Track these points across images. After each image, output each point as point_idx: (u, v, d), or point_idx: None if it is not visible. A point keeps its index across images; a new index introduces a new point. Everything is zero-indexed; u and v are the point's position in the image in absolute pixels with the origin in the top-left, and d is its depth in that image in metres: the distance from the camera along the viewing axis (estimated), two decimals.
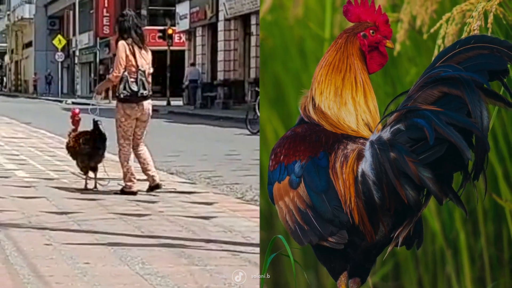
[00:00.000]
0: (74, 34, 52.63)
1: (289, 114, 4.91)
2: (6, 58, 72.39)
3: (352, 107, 3.15)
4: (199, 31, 37.93)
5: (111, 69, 9.26)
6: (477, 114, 2.84)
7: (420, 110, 2.88)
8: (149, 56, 9.12)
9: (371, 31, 3.18)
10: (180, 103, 36.26)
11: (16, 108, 34.18)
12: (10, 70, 71.33)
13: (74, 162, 9.41)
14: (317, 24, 4.83)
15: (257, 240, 6.43)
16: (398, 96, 3.12)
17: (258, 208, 7.54)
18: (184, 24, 38.98)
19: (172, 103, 35.52)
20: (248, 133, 19.96)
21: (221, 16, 34.96)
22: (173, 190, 9.48)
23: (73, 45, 52.78)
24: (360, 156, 3.02)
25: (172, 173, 11.39)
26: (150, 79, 9.12)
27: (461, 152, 2.82)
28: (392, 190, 2.92)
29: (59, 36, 51.40)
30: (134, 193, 8.88)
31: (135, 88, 8.87)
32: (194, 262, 5.77)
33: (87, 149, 9.09)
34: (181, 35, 40.35)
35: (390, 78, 4.56)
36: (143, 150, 9.14)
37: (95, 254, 5.98)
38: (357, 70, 3.17)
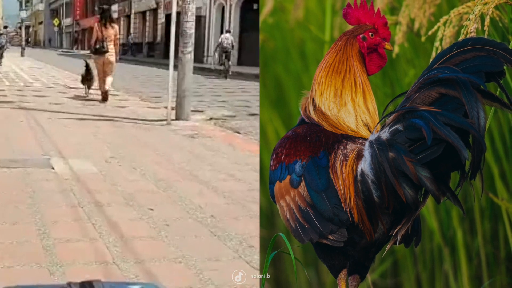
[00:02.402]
0: (63, 18, 79.60)
1: (290, 114, 4.91)
2: (31, 29, 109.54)
3: (351, 108, 3.16)
4: (121, 19, 59.81)
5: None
6: (474, 115, 2.84)
7: (418, 111, 2.88)
8: (112, 30, 15.03)
9: (370, 33, 3.19)
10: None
11: (34, 53, 49.36)
12: (32, 35, 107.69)
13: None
14: (317, 27, 4.83)
15: (147, 118, 12.65)
16: (396, 97, 3.12)
17: (147, 103, 15.56)
18: (115, 15, 56.46)
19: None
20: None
21: (132, 11, 53.59)
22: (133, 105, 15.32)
23: (62, 23, 76.63)
24: (359, 156, 3.02)
25: (132, 95, 17.60)
26: (107, 43, 15.02)
27: (458, 152, 2.82)
28: (391, 189, 2.93)
29: (56, 19, 77.01)
30: (106, 99, 14.88)
31: (97, 46, 14.82)
32: (119, 126, 11.23)
33: (86, 75, 15.74)
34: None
35: (389, 79, 4.56)
36: (107, 78, 15.04)
37: (76, 124, 11.41)
38: (357, 72, 3.18)
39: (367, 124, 3.14)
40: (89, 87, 16.42)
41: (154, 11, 53.79)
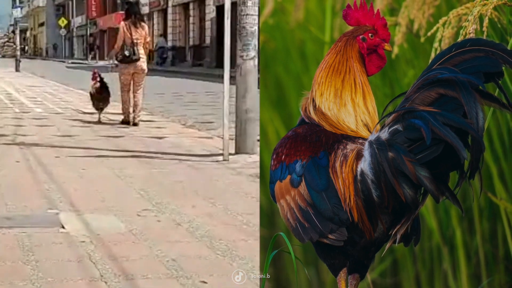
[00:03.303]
0: (72, 17, 73.38)
1: (290, 115, 4.91)
2: (28, 33, 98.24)
3: (351, 108, 3.15)
4: (155, 14, 52.98)
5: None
6: (472, 115, 2.84)
7: (418, 111, 2.88)
8: (143, 32, 12.83)
9: (370, 34, 3.19)
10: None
11: (34, 65, 44.77)
12: (30, 41, 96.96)
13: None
14: (317, 28, 4.83)
15: (195, 152, 9.69)
16: (396, 98, 3.12)
17: (195, 131, 12.38)
18: (145, 9, 52.28)
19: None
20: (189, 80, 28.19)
21: (170, 4, 49.73)
22: (141, 120, 13.20)
23: (72, 24, 72.78)
24: (359, 156, 3.02)
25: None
26: (139, 49, 12.83)
27: (457, 152, 2.82)
28: (390, 188, 2.92)
29: (62, 18, 69.56)
30: (136, 124, 12.67)
31: (127, 53, 12.54)
32: (154, 167, 8.63)
33: (99, 94, 13.05)
34: (144, 17, 52.68)
35: (388, 80, 4.56)
36: (138, 94, 12.80)
37: (89, 162, 8.87)
38: (356, 72, 3.18)
39: (366, 124, 3.14)
40: (102, 109, 13.35)
41: (201, 1, 47.46)
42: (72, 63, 54.00)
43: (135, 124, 12.54)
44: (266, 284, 3.63)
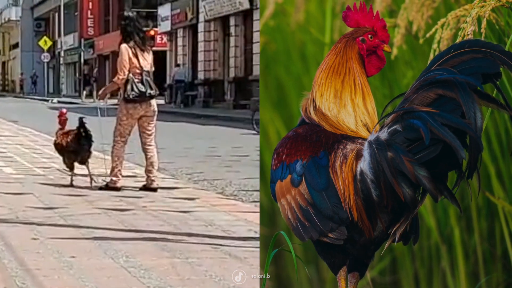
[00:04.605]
0: (59, 36, 52.27)
1: (291, 115, 4.91)
2: None
3: (351, 108, 3.15)
4: (180, 32, 37.49)
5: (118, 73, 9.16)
6: (471, 115, 2.84)
7: (416, 111, 2.88)
8: (150, 57, 9.12)
9: (369, 36, 3.19)
10: (162, 101, 34.13)
11: (3, 107, 32.85)
12: None
13: (60, 160, 9.49)
14: (317, 29, 4.83)
15: (237, 233, 6.51)
16: (395, 98, 3.12)
17: (237, 202, 8.44)
18: (165, 26, 38.49)
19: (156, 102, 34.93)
20: (229, 129, 19.55)
21: (201, 17, 34.52)
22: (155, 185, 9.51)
23: (59, 46, 52.26)
24: (359, 156, 3.02)
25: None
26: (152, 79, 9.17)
27: (455, 152, 2.82)
28: (390, 188, 2.93)
29: (45, 37, 50.72)
30: (118, 189, 8.87)
31: (142, 88, 8.86)
32: (176, 255, 5.70)
33: (73, 146, 9.12)
34: (163, 36, 39.53)
35: (387, 81, 4.56)
36: (152, 147, 9.04)
37: (81, 248, 5.94)
38: (356, 73, 3.18)
39: (366, 125, 3.14)
40: (71, 169, 9.25)
41: (246, 14, 30.95)
42: (59, 102, 37.20)
43: (154, 190, 8.89)
44: (267, 282, 3.63)
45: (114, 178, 8.94)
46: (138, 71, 8.86)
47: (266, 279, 3.58)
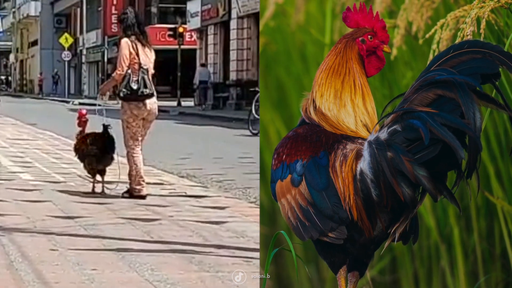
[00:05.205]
0: (81, 33, 48.35)
1: (291, 115, 4.91)
2: (11, 57, 65.89)
3: (351, 109, 3.16)
4: (211, 30, 34.57)
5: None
6: (470, 116, 2.84)
7: (416, 111, 2.88)
8: (152, 55, 8.57)
9: (369, 36, 3.19)
10: (191, 103, 32.69)
11: (21, 108, 31.09)
12: (15, 69, 65.13)
13: (81, 165, 8.87)
14: (317, 30, 4.83)
15: None
16: (394, 99, 3.12)
17: None
18: (195, 22, 35.59)
19: (183, 103, 32.59)
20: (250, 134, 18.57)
21: (233, 14, 31.86)
22: (183, 194, 8.91)
23: (80, 43, 48.38)
24: (358, 156, 3.02)
25: (182, 176, 10.66)
26: (150, 78, 8.54)
27: (454, 152, 2.82)
28: (389, 188, 2.93)
29: (66, 34, 47.07)
30: (143, 197, 8.35)
31: (135, 86, 8.32)
32: (205, 268, 5.35)
33: (94, 151, 8.53)
34: (192, 33, 36.41)
35: (387, 81, 4.56)
36: (139, 153, 8.49)
37: (103, 260, 5.57)
38: (356, 74, 3.18)
39: (366, 125, 3.14)
40: (103, 175, 8.70)
41: None
42: (80, 104, 34.10)
43: (142, 197, 8.35)
44: (268, 281, 3.63)
45: (137, 187, 8.38)
46: (136, 67, 8.36)
47: (266, 278, 3.58)
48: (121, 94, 8.37)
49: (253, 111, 19.21)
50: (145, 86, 8.33)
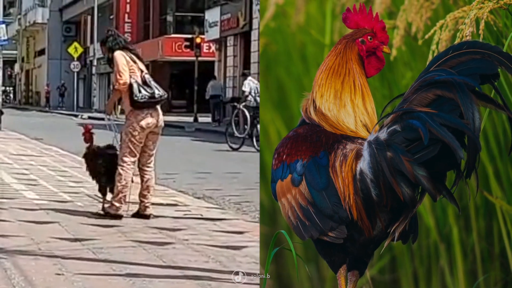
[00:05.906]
0: (91, 42, 44.67)
1: (291, 115, 4.91)
2: (16, 67, 61.62)
3: (351, 109, 3.16)
4: (230, 40, 32.40)
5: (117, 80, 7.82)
6: (469, 116, 2.84)
7: (415, 112, 2.88)
8: (144, 68, 7.96)
9: (369, 37, 3.19)
10: (209, 119, 30.09)
11: (27, 122, 29.22)
12: (20, 80, 60.81)
13: (90, 184, 8.13)
14: (317, 31, 4.83)
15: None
16: (394, 99, 3.12)
17: None
18: (213, 33, 33.32)
19: (200, 119, 29.96)
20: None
21: (255, 24, 29.28)
22: (199, 216, 8.25)
23: (91, 53, 45.02)
24: (358, 156, 3.02)
25: (199, 197, 9.89)
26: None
27: (454, 152, 2.82)
28: (389, 187, 2.93)
29: (75, 43, 44.23)
30: (119, 217, 7.68)
31: (149, 90, 7.65)
32: None
33: (103, 167, 7.84)
34: (211, 44, 34.17)
35: (387, 81, 4.56)
36: (151, 170, 7.86)
37: (112, 286, 5.20)
38: (356, 74, 3.18)
39: (366, 125, 3.15)
40: (104, 194, 7.97)
41: None
42: (89, 117, 32.01)
43: (145, 217, 7.79)
44: (268, 280, 3.63)
45: (117, 204, 7.70)
46: (139, 73, 7.72)
47: (266, 278, 3.58)
48: (141, 100, 7.61)
49: (233, 127, 18.59)
50: (158, 89, 7.77)
